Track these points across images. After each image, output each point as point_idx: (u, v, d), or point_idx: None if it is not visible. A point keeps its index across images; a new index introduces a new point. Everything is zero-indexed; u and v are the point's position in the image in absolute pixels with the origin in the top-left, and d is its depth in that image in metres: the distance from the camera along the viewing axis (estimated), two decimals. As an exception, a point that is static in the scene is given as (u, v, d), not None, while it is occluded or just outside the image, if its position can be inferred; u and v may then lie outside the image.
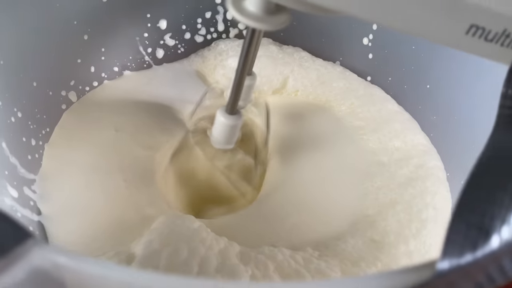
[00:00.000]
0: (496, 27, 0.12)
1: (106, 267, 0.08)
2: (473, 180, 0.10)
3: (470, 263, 0.09)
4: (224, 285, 0.09)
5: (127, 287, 0.08)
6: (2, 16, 0.18)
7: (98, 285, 0.09)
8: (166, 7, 0.25)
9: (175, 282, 0.08)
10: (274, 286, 0.10)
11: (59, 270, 0.08)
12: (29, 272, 0.08)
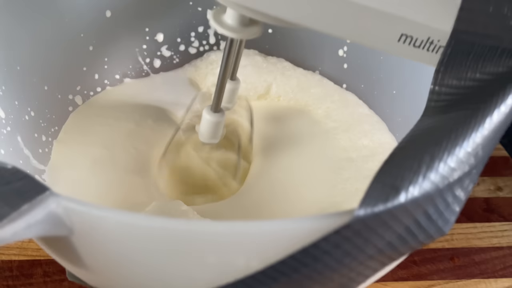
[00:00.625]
0: (421, 36, 0.15)
1: (106, 210, 0.11)
2: (394, 152, 0.13)
3: (382, 212, 0.12)
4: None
5: (123, 225, 0.11)
6: (21, 30, 0.21)
7: (100, 225, 0.11)
8: (163, 22, 0.28)
9: (160, 221, 0.11)
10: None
11: (68, 213, 0.11)
12: (46, 214, 0.11)
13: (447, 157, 0.13)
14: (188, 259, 0.12)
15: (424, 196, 0.12)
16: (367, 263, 0.13)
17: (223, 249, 0.11)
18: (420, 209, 0.12)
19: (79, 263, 0.14)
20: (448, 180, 0.12)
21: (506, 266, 0.26)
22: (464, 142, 0.13)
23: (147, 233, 0.11)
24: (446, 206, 0.13)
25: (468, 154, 0.13)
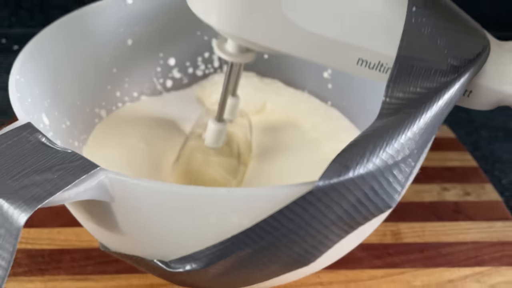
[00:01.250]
0: (374, 60, 0.20)
1: (138, 179, 0.16)
2: (349, 143, 0.18)
3: (336, 183, 0.16)
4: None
5: (151, 191, 0.16)
6: (64, 56, 0.26)
7: (134, 191, 0.16)
8: (174, 49, 0.34)
9: (177, 187, 0.16)
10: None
11: (112, 182, 0.16)
12: (97, 183, 0.16)
13: (386, 146, 0.17)
14: (197, 218, 0.16)
15: (368, 174, 0.17)
16: (331, 228, 0.18)
17: (221, 209, 0.16)
18: (366, 184, 0.17)
19: (113, 227, 0.18)
20: (387, 163, 0.17)
21: (468, 258, 0.30)
22: (399, 136, 0.17)
23: (168, 197, 0.16)
24: (388, 183, 0.17)
25: (402, 145, 0.17)
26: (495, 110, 0.23)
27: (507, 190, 0.38)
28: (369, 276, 0.28)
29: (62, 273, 0.28)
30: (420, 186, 0.35)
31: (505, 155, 0.42)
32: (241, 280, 0.20)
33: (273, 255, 0.18)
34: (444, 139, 0.40)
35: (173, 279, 0.21)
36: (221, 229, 0.17)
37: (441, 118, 0.19)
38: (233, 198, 0.16)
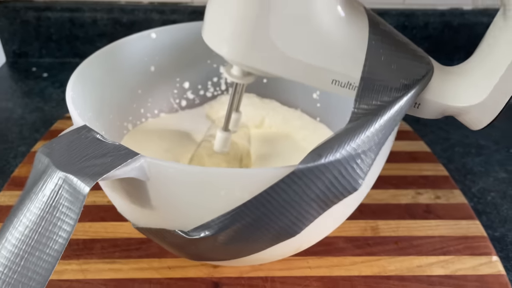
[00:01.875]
0: (344, 80, 0.26)
1: (169, 162, 0.22)
2: (324, 140, 0.24)
3: (312, 166, 0.22)
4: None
5: (178, 171, 0.22)
6: (103, 79, 0.33)
7: (165, 172, 0.22)
8: (188, 74, 0.40)
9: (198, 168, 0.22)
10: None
11: (149, 165, 0.22)
12: (139, 165, 0.22)
13: (350, 142, 0.23)
14: (211, 192, 0.22)
15: (336, 161, 0.23)
16: (311, 204, 0.23)
17: (229, 185, 0.22)
18: (335, 169, 0.23)
19: (145, 204, 0.24)
20: (351, 154, 0.23)
21: (435, 249, 0.35)
22: (360, 135, 0.23)
23: (190, 176, 0.22)
24: (352, 170, 0.23)
25: (363, 141, 0.23)
26: (469, 129, 0.29)
27: (475, 197, 0.44)
28: (350, 262, 0.34)
29: (94, 258, 0.34)
30: (398, 191, 0.41)
31: (475, 168, 0.48)
32: (242, 249, 0.26)
33: (267, 225, 0.24)
34: (420, 152, 0.46)
35: (187, 250, 0.27)
36: (228, 202, 0.22)
37: (394, 123, 0.25)
38: (237, 176, 0.22)
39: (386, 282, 0.32)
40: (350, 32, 0.25)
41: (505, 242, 0.39)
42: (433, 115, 0.27)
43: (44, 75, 0.63)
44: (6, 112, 0.55)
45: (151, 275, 0.32)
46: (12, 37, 0.65)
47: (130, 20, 0.64)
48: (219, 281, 0.32)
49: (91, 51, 0.65)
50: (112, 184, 0.25)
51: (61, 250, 0.21)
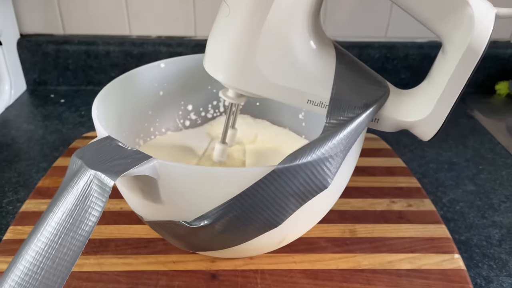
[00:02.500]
0: (317, 100, 0.32)
1: (176, 163, 0.27)
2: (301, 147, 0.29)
3: (288, 166, 0.28)
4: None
5: (184, 170, 0.27)
6: (119, 101, 0.39)
7: (172, 171, 0.28)
8: (192, 98, 0.46)
9: (199, 168, 0.27)
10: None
11: (160, 166, 0.28)
12: (152, 165, 0.27)
13: (320, 148, 0.29)
14: (209, 188, 0.28)
15: (308, 162, 0.28)
16: (289, 198, 0.29)
17: (223, 181, 0.28)
18: (308, 169, 0.29)
19: (155, 199, 0.30)
20: (321, 157, 0.29)
21: (405, 248, 0.41)
22: (328, 142, 0.29)
23: (193, 174, 0.28)
24: (322, 171, 0.29)
25: (330, 148, 0.29)
26: (443, 148, 0.35)
27: (445, 206, 0.49)
28: (330, 258, 0.39)
29: (109, 254, 0.39)
30: (375, 200, 0.46)
31: (447, 182, 0.53)
32: (235, 238, 0.31)
33: (254, 216, 0.29)
34: (397, 167, 0.52)
35: (189, 240, 0.32)
36: (222, 196, 0.28)
37: (356, 134, 0.31)
38: (230, 174, 0.27)
39: (360, 274, 0.38)
40: (321, 61, 0.32)
41: (470, 245, 0.44)
42: (390, 128, 0.33)
43: (61, 101, 0.70)
44: (29, 133, 0.61)
45: (158, 268, 0.38)
46: (33, 67, 0.72)
47: (140, 52, 0.71)
48: (216, 273, 0.37)
49: (104, 79, 0.73)
50: (129, 183, 0.30)
51: (90, 231, 0.26)
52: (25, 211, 0.44)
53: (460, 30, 0.28)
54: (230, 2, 0.30)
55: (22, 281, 0.25)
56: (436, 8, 0.28)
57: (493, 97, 0.74)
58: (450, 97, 0.30)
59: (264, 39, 0.30)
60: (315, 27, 0.31)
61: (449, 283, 0.37)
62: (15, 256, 0.25)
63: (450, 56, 0.29)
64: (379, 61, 0.72)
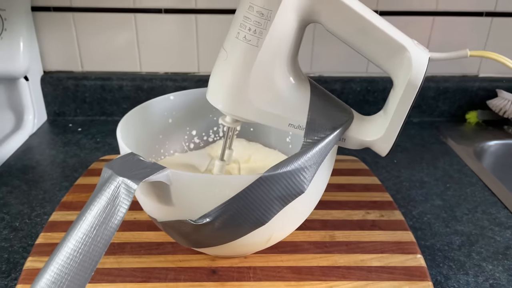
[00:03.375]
0: (296, 123, 0.40)
1: (184, 172, 0.35)
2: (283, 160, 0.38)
3: (272, 174, 0.35)
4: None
5: (191, 178, 0.35)
6: (136, 127, 0.48)
7: (181, 179, 0.36)
8: (196, 125, 0.55)
9: (202, 175, 0.35)
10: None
11: (172, 174, 0.36)
12: (166, 173, 0.35)
13: (297, 161, 0.37)
14: (211, 191, 0.36)
15: (288, 172, 0.36)
16: (274, 201, 0.37)
17: (220, 186, 0.36)
18: (288, 177, 0.37)
19: (167, 202, 0.37)
20: (297, 168, 0.37)
21: (375, 249, 0.48)
22: (303, 156, 0.37)
23: (198, 180, 0.36)
24: (300, 178, 0.37)
25: (305, 160, 0.37)
26: (416, 170, 0.42)
27: (414, 217, 0.57)
28: (312, 257, 0.46)
29: (126, 254, 0.46)
30: (352, 211, 0.54)
31: (417, 197, 0.61)
32: (230, 235, 0.39)
33: (245, 215, 0.37)
34: (373, 185, 0.60)
35: (193, 237, 0.40)
36: (221, 198, 0.36)
37: (326, 150, 0.39)
38: (227, 180, 0.35)
39: (336, 270, 0.45)
40: (298, 93, 0.40)
41: (433, 249, 0.51)
42: (354, 146, 0.41)
43: (78, 130, 0.79)
44: (51, 157, 0.69)
45: (167, 265, 0.45)
46: (54, 100, 0.81)
47: (149, 86, 0.80)
48: (215, 269, 0.45)
49: (116, 111, 0.83)
50: (147, 189, 0.38)
51: (118, 224, 0.34)
52: (53, 221, 0.51)
53: (402, 70, 0.37)
54: (227, 49, 0.39)
55: (64, 263, 0.32)
56: (383, 53, 0.37)
57: (464, 125, 0.82)
58: (397, 121, 0.38)
59: (253, 77, 0.39)
60: (294, 66, 0.40)
61: (411, 277, 0.44)
62: (58, 245, 0.32)
63: (397, 90, 0.38)
64: (360, 94, 0.81)
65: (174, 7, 0.76)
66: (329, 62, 0.81)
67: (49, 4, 0.76)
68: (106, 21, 0.77)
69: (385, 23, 0.37)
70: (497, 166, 0.76)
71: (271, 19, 0.36)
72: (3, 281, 0.46)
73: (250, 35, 0.37)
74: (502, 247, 0.52)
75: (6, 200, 0.58)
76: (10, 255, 0.49)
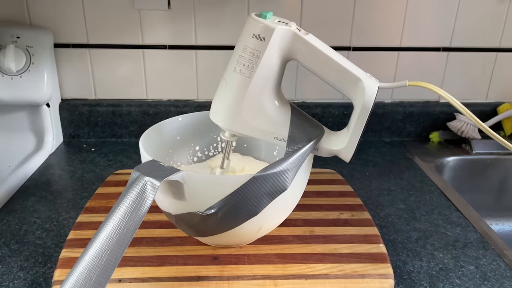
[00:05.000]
0: (280, 136, 0.52)
1: (195, 173, 0.46)
2: (270, 164, 0.49)
3: (263, 175, 0.47)
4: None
5: (201, 177, 0.46)
6: (150, 143, 0.59)
7: (193, 178, 0.47)
8: (199, 141, 0.66)
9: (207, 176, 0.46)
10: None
11: (186, 175, 0.46)
12: (181, 174, 0.46)
13: (280, 165, 0.48)
14: (215, 188, 0.47)
15: (274, 173, 0.47)
16: (263, 196, 0.48)
17: (222, 184, 0.47)
18: (274, 177, 0.48)
19: (181, 197, 0.48)
20: (281, 170, 0.48)
21: (346, 240, 0.59)
22: (285, 162, 0.49)
23: (205, 180, 0.47)
24: (283, 178, 0.48)
25: (286, 165, 0.49)
26: (385, 180, 0.54)
27: (381, 218, 0.68)
28: (295, 247, 0.57)
29: (143, 246, 0.57)
30: (328, 212, 0.65)
31: (384, 203, 0.72)
32: (230, 223, 0.50)
33: (241, 207, 0.48)
34: (347, 191, 0.71)
35: (199, 227, 0.50)
36: (223, 193, 0.47)
37: (303, 157, 0.50)
38: (227, 179, 0.47)
39: (315, 256, 0.56)
40: (281, 113, 0.52)
41: (395, 242, 0.62)
42: (325, 154, 0.53)
43: (92, 149, 0.90)
44: (70, 173, 0.80)
45: (177, 254, 0.55)
46: (70, 124, 0.92)
47: (154, 112, 0.92)
48: (217, 256, 0.55)
49: (125, 133, 0.95)
50: (165, 188, 0.49)
51: (145, 213, 0.45)
52: (80, 222, 0.62)
53: (358, 96, 0.49)
54: (227, 79, 0.51)
55: (104, 242, 0.42)
56: (345, 83, 0.49)
57: (428, 144, 0.95)
58: (356, 135, 0.50)
59: (246, 101, 0.51)
60: (278, 92, 0.52)
61: (374, 261, 0.55)
62: (97, 230, 0.43)
63: (355, 111, 0.50)
64: (338, 117, 0.94)
65: (177, 44, 0.89)
66: (311, 90, 0.94)
67: (69, 41, 0.88)
68: (117, 56, 0.89)
69: (345, 60, 0.49)
70: (456, 178, 0.88)
71: (260, 57, 0.48)
72: (41, 269, 0.55)
73: (244, 69, 0.49)
74: (452, 240, 0.63)
75: (36, 208, 0.69)
76: (45, 250, 0.59)
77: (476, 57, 0.94)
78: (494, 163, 0.88)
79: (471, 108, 0.50)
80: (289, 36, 0.48)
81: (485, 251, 0.60)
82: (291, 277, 0.52)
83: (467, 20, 0.90)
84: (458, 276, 0.56)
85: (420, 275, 0.56)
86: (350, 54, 0.90)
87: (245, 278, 0.51)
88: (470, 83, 0.96)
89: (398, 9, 0.88)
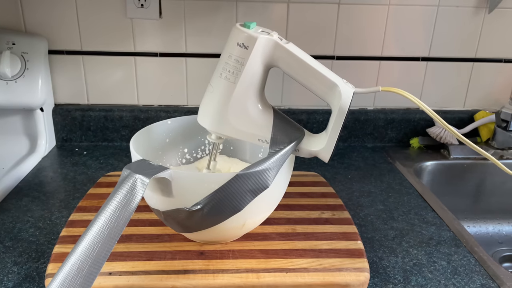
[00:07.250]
0: (263, 138, 0.55)
1: (182, 171, 0.49)
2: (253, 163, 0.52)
3: (247, 172, 0.50)
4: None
5: (187, 175, 0.49)
6: (140, 145, 0.62)
7: (179, 176, 0.50)
8: (187, 144, 0.69)
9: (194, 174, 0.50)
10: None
11: (173, 173, 0.50)
12: (169, 172, 0.50)
13: (263, 165, 0.52)
14: (201, 185, 0.50)
15: (257, 171, 0.51)
16: (247, 193, 0.51)
17: (207, 181, 0.50)
18: (256, 175, 0.51)
19: (169, 194, 0.51)
20: (263, 169, 0.52)
21: (326, 237, 0.62)
22: (267, 161, 0.52)
23: (192, 177, 0.50)
24: (265, 177, 0.52)
25: (268, 165, 0.52)
26: (366, 183, 0.58)
27: (361, 218, 0.72)
28: (277, 243, 0.60)
29: (132, 242, 0.60)
30: (311, 212, 0.68)
31: (365, 203, 0.76)
32: (215, 219, 0.53)
33: (225, 203, 0.51)
34: (328, 193, 0.75)
35: (186, 222, 0.54)
36: (208, 190, 0.50)
37: (284, 157, 0.54)
38: (212, 177, 0.50)
39: (296, 251, 0.59)
40: (265, 117, 0.55)
41: (373, 240, 0.66)
42: (306, 155, 0.56)
43: (84, 153, 0.92)
44: (63, 175, 0.82)
45: (165, 249, 0.58)
46: (63, 128, 0.95)
47: (145, 117, 0.95)
48: (203, 251, 0.58)
49: (116, 137, 0.99)
50: (154, 185, 0.52)
51: (135, 208, 0.48)
52: (72, 220, 0.64)
53: (335, 100, 0.53)
54: (213, 84, 0.54)
55: (95, 236, 0.45)
56: (323, 88, 0.53)
57: (408, 149, 0.99)
58: (333, 137, 0.54)
59: (232, 105, 0.54)
60: (261, 97, 0.56)
61: (351, 256, 0.58)
62: (89, 225, 0.45)
63: (333, 115, 0.54)
64: (323, 123, 0.98)
65: (167, 52, 0.93)
66: (296, 97, 0.98)
67: (63, 48, 0.91)
68: (110, 62, 0.92)
69: (323, 67, 0.53)
70: (434, 182, 0.92)
71: (244, 64, 0.52)
72: (35, 264, 0.58)
73: (229, 75, 0.53)
74: (426, 238, 0.67)
75: (29, 207, 0.71)
76: (38, 246, 0.62)
77: (453, 67, 0.98)
78: (470, 167, 0.93)
79: (449, 115, 0.55)
80: (271, 44, 0.52)
81: (457, 248, 0.64)
82: (273, 271, 0.55)
83: (445, 32, 0.95)
84: (430, 270, 0.59)
85: (394, 269, 0.59)
86: (334, 62, 0.94)
87: (229, 272, 0.54)
88: (448, 91, 1.00)
89: (379, 21, 0.93)
